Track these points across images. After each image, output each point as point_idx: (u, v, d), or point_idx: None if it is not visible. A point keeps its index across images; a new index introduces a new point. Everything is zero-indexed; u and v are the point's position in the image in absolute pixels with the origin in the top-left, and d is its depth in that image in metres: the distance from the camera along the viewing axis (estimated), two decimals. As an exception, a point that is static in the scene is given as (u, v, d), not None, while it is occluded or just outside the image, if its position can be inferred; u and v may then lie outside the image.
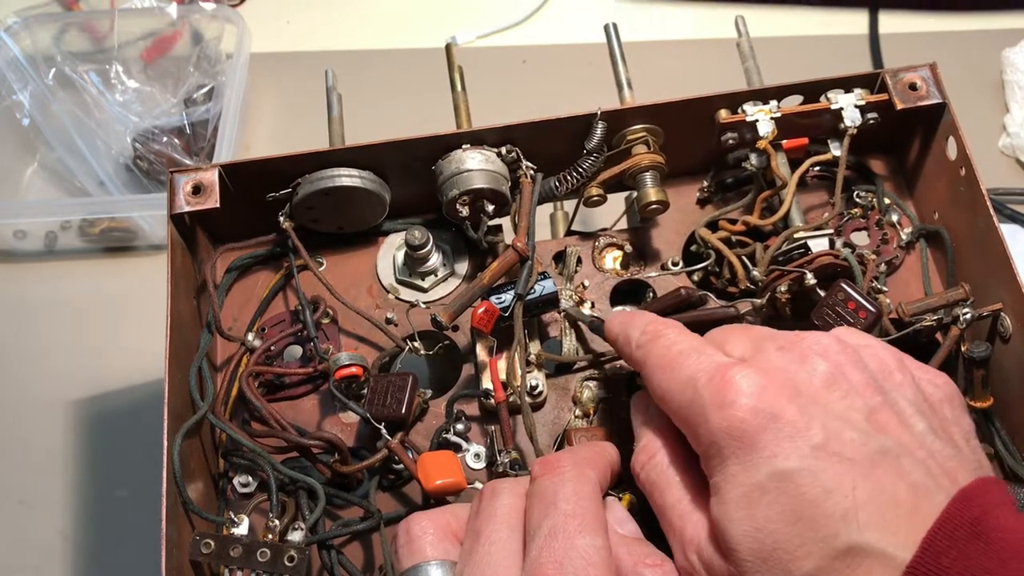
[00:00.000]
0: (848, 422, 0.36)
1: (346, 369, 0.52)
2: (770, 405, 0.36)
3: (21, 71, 0.92)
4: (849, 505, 0.34)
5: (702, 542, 0.38)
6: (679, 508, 0.40)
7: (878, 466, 0.35)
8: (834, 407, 0.37)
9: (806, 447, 0.35)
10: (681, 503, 0.40)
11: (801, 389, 0.37)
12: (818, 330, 0.51)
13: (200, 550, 0.47)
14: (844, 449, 0.35)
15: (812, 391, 0.37)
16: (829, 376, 0.38)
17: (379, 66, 0.99)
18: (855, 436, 0.36)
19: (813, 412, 0.36)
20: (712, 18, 1.02)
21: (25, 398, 0.81)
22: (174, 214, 0.54)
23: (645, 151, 0.56)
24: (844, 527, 0.34)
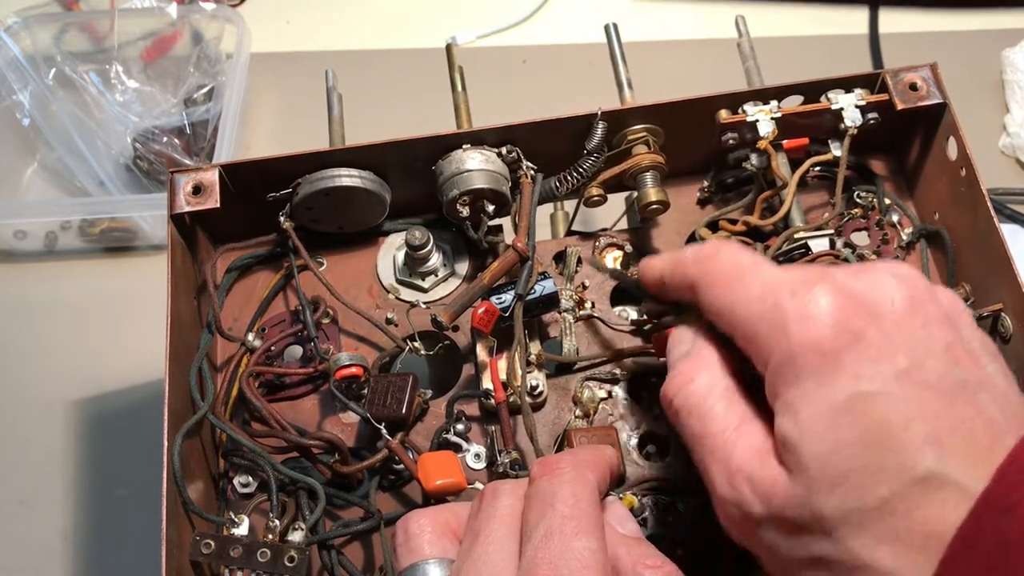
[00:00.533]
0: (929, 351, 0.36)
1: (346, 369, 0.52)
2: (855, 324, 0.36)
3: (21, 71, 0.92)
4: (930, 432, 0.34)
5: (754, 470, 0.37)
6: (724, 436, 0.39)
7: (959, 397, 0.35)
8: (915, 334, 0.36)
9: (890, 372, 0.35)
10: (725, 431, 0.39)
11: (883, 313, 0.36)
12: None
13: (200, 550, 0.47)
14: (927, 377, 0.35)
15: (894, 316, 0.36)
16: (909, 304, 0.37)
17: (379, 66, 0.99)
18: (937, 365, 0.35)
19: (896, 338, 0.36)
20: (712, 18, 1.02)
21: (25, 398, 0.81)
22: (174, 214, 0.54)
23: (645, 151, 0.56)
24: (924, 455, 0.33)
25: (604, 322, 0.57)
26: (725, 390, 0.40)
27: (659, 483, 0.52)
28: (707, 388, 0.40)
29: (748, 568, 0.44)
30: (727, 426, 0.39)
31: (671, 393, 0.41)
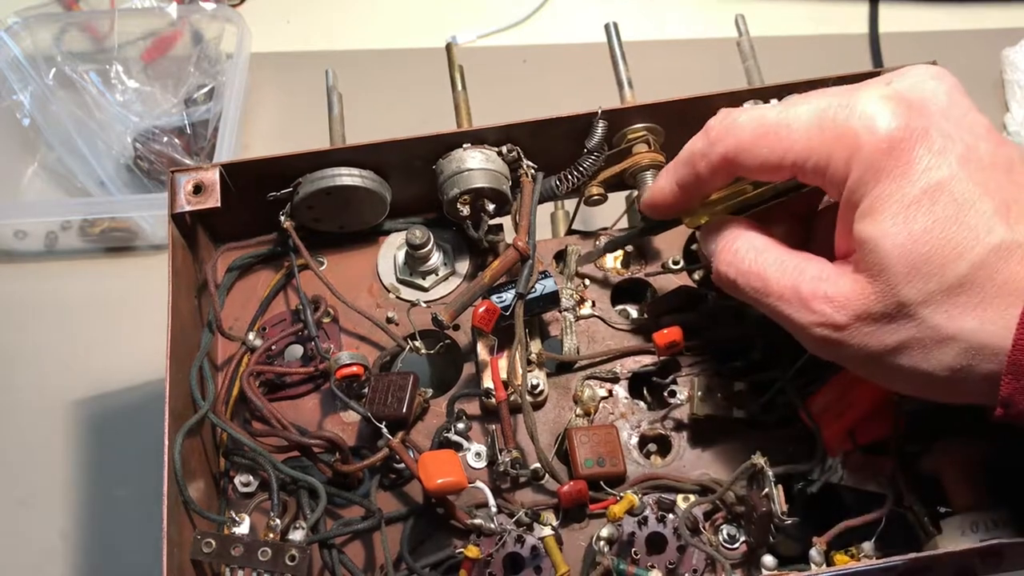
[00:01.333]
0: (977, 135, 0.40)
1: (347, 368, 0.52)
2: (916, 123, 0.39)
3: (21, 71, 0.91)
4: (997, 205, 0.38)
5: (827, 288, 0.41)
6: (785, 277, 0.42)
7: (1013, 171, 0.39)
8: (962, 122, 0.40)
9: (953, 158, 0.38)
10: (784, 272, 0.42)
11: (932, 109, 0.40)
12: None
13: (201, 549, 0.47)
14: (982, 157, 0.39)
15: (941, 109, 0.40)
16: (949, 96, 0.41)
17: (379, 66, 0.99)
18: (987, 147, 0.39)
19: (948, 127, 0.39)
20: (712, 17, 1.02)
21: (25, 398, 0.81)
22: (175, 213, 0.54)
23: (646, 150, 0.56)
24: (995, 224, 0.38)
25: (605, 321, 0.57)
26: (767, 245, 0.44)
27: (660, 482, 0.52)
28: (751, 249, 0.44)
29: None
30: (784, 270, 0.43)
31: (723, 267, 0.45)
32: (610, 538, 0.48)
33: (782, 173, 0.43)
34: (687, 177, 0.47)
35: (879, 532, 0.48)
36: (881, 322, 0.39)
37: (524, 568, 0.50)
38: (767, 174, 0.44)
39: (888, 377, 0.41)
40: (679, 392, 0.53)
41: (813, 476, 0.49)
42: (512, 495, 0.52)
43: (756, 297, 0.44)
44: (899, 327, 0.39)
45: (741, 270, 0.44)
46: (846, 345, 0.40)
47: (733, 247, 0.45)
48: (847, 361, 0.42)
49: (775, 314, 0.43)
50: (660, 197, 0.49)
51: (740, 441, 0.53)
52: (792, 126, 0.42)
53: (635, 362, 0.56)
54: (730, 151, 0.44)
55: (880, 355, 0.40)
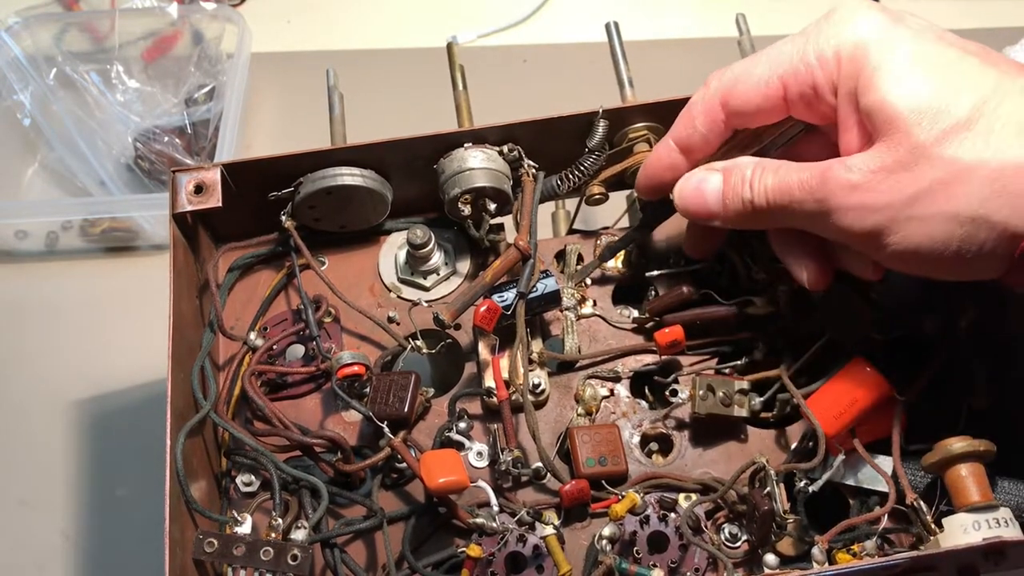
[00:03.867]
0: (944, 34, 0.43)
1: (348, 368, 0.52)
2: (892, 14, 0.43)
3: (22, 71, 0.91)
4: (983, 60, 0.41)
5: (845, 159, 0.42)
6: (804, 173, 0.43)
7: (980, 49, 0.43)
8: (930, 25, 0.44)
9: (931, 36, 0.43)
10: (803, 170, 0.43)
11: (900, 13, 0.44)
12: (820, 328, 0.52)
13: (204, 549, 0.47)
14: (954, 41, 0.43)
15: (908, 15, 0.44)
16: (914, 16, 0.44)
17: (380, 66, 0.99)
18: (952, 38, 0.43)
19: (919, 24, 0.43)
20: (713, 17, 1.02)
21: (26, 398, 0.81)
22: (176, 213, 0.54)
23: (647, 149, 0.56)
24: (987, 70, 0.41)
25: (606, 320, 0.57)
26: (779, 162, 0.45)
27: (662, 481, 0.52)
28: (767, 171, 0.45)
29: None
30: (802, 169, 0.44)
31: (749, 194, 0.46)
32: (612, 537, 0.48)
33: (775, 103, 0.45)
34: (685, 132, 0.48)
35: (881, 530, 0.48)
36: (899, 172, 0.40)
37: (526, 567, 0.50)
38: (761, 105, 0.46)
39: (912, 239, 0.41)
40: (680, 391, 0.53)
41: (815, 475, 0.49)
42: (514, 494, 0.52)
43: (783, 203, 0.44)
44: (918, 171, 0.40)
45: (769, 188, 0.45)
46: (869, 207, 0.41)
47: (742, 176, 0.46)
48: (873, 230, 0.42)
49: (802, 212, 0.44)
50: (657, 165, 0.50)
51: (741, 440, 0.53)
52: (781, 45, 0.46)
53: (636, 361, 0.56)
54: (724, 85, 0.46)
55: (904, 206, 0.41)
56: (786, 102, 0.45)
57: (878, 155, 0.41)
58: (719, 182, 0.47)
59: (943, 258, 0.41)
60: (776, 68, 0.45)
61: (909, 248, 0.41)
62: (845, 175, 0.42)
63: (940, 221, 0.40)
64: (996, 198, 0.39)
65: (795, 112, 0.46)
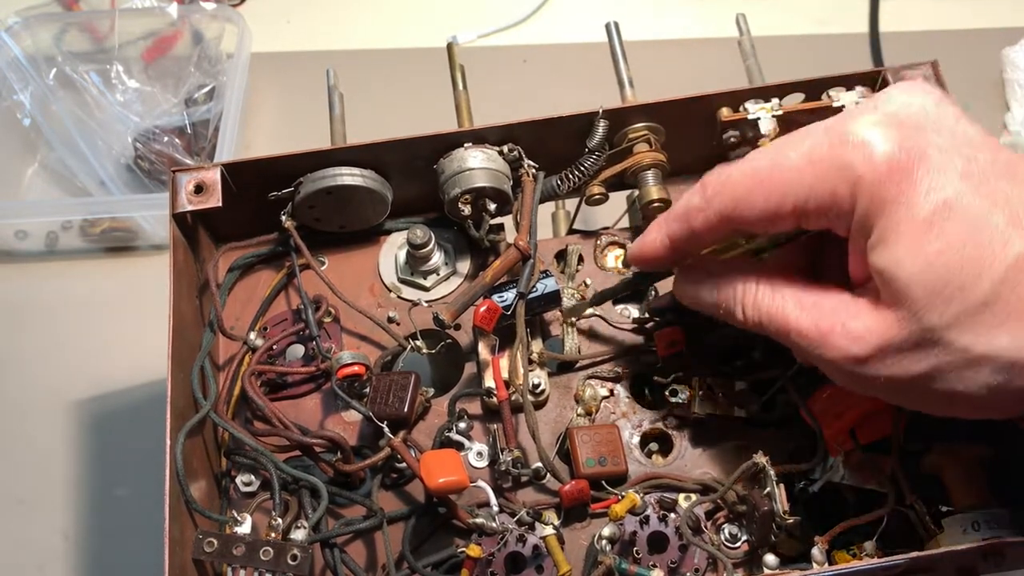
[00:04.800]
0: (973, 146, 0.38)
1: (348, 368, 0.52)
2: (912, 143, 0.38)
3: (22, 71, 0.91)
4: (1009, 215, 0.37)
5: (847, 320, 0.40)
6: (804, 314, 0.41)
7: (1016, 177, 0.38)
8: (955, 133, 0.39)
9: (955, 175, 0.37)
10: (803, 309, 0.42)
11: (923, 124, 0.39)
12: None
13: (203, 548, 0.47)
14: (984, 168, 0.38)
15: (932, 124, 0.39)
16: (939, 108, 0.39)
17: (379, 66, 0.99)
18: (985, 156, 0.38)
19: (943, 142, 0.38)
20: (713, 17, 1.02)
21: (25, 398, 0.81)
22: (176, 213, 0.54)
23: (647, 149, 0.56)
24: (1011, 236, 0.36)
25: (606, 320, 0.57)
26: (782, 284, 0.43)
27: (661, 481, 0.52)
28: (770, 290, 0.43)
29: None
30: (803, 307, 0.42)
31: (748, 311, 0.44)
32: (612, 537, 0.48)
33: (784, 221, 0.42)
34: (680, 232, 0.46)
35: (881, 531, 0.48)
36: (906, 351, 0.38)
37: (526, 567, 0.50)
38: (769, 224, 0.43)
39: (924, 403, 0.41)
40: (680, 391, 0.53)
41: (815, 475, 0.50)
42: (514, 494, 0.52)
43: (780, 337, 0.43)
44: (927, 354, 0.38)
45: (762, 310, 0.43)
46: (873, 377, 0.40)
47: (754, 289, 0.44)
48: (879, 392, 0.41)
49: (799, 351, 0.43)
50: (650, 251, 0.48)
51: (741, 440, 0.53)
52: (787, 167, 0.41)
53: (636, 361, 0.56)
54: (727, 206, 0.43)
55: (911, 383, 0.39)
56: (796, 220, 0.42)
57: (886, 328, 0.39)
58: (713, 290, 0.46)
59: (968, 409, 0.40)
60: (787, 198, 0.41)
61: (923, 409, 0.41)
62: (848, 346, 0.40)
63: (944, 398, 0.39)
64: (1003, 389, 0.38)
65: (807, 224, 0.42)
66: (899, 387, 0.40)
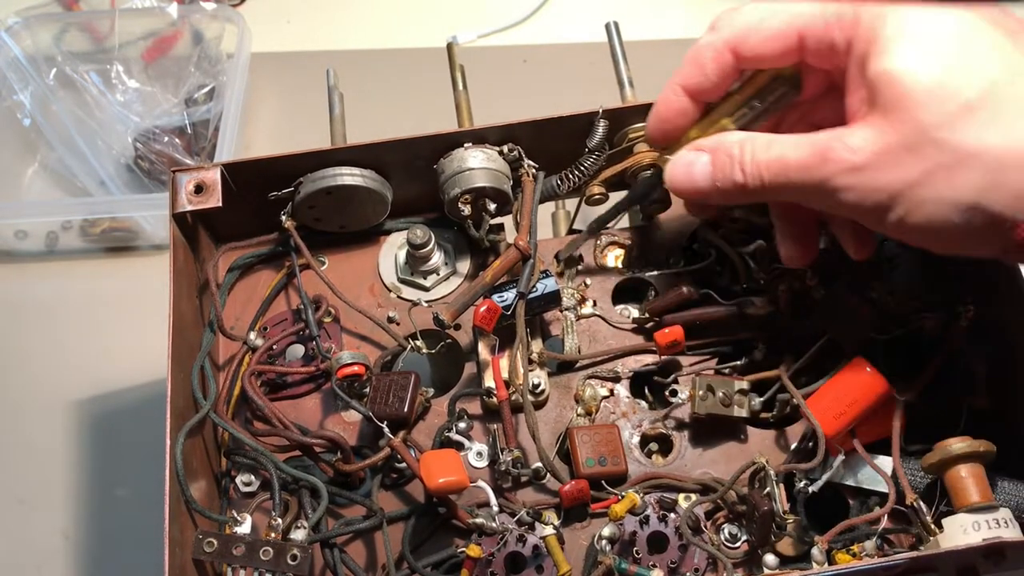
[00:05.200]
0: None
1: (348, 368, 0.52)
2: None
3: (22, 71, 0.91)
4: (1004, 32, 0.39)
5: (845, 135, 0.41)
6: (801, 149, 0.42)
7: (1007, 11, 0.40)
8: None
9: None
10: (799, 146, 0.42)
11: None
12: (819, 328, 0.52)
13: (203, 548, 0.47)
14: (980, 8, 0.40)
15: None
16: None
17: (379, 66, 0.99)
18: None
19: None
20: (713, 17, 1.01)
21: (26, 398, 0.80)
22: (176, 213, 0.54)
23: (647, 149, 0.56)
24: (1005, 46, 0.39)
25: (606, 320, 0.57)
26: (774, 136, 0.44)
27: (661, 481, 0.52)
28: (762, 145, 0.44)
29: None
30: (799, 145, 0.42)
31: (743, 167, 0.44)
32: (612, 537, 0.48)
33: (788, 53, 0.44)
34: (693, 78, 0.47)
35: (881, 531, 0.48)
36: (902, 153, 0.40)
37: (526, 567, 0.50)
38: (774, 55, 0.45)
39: (913, 218, 0.41)
40: (680, 391, 0.53)
41: (814, 475, 0.49)
42: (514, 494, 0.52)
43: (780, 182, 0.43)
44: (922, 154, 0.39)
45: (760, 164, 0.43)
46: (870, 187, 0.40)
47: (742, 145, 0.44)
48: (875, 208, 0.41)
49: (800, 189, 0.43)
50: (667, 111, 0.48)
51: (741, 440, 0.53)
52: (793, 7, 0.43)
53: (636, 361, 0.56)
54: (736, 34, 0.45)
55: (907, 188, 0.40)
56: (801, 51, 0.44)
57: (882, 134, 0.40)
58: (707, 163, 0.46)
59: (942, 237, 0.41)
60: (794, 21, 0.44)
61: (910, 226, 0.41)
62: (848, 156, 0.41)
63: (941, 205, 0.40)
64: (994, 189, 0.39)
65: (809, 60, 0.45)
66: (894, 196, 0.40)
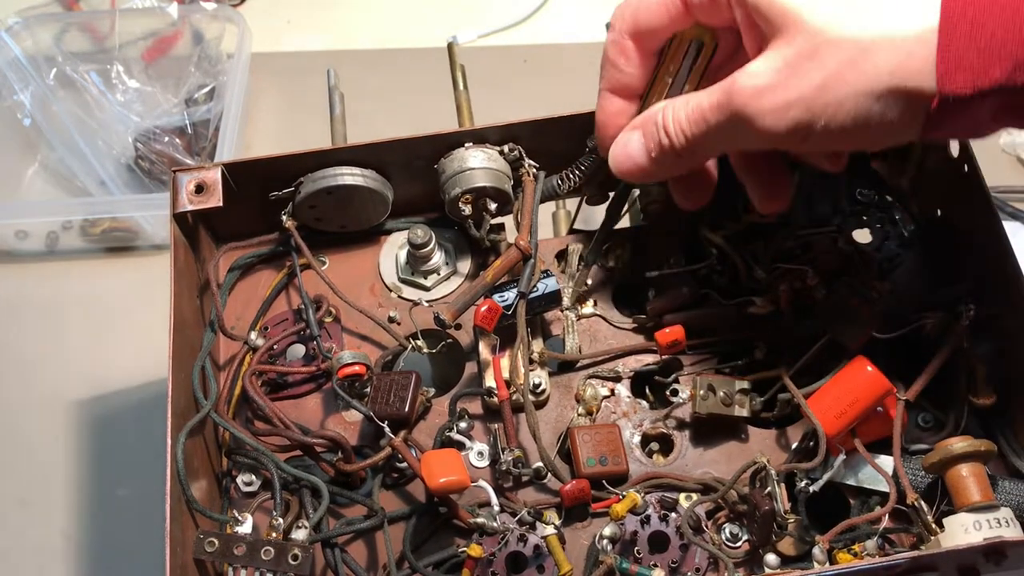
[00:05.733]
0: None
1: (349, 368, 0.52)
2: None
3: (22, 71, 0.92)
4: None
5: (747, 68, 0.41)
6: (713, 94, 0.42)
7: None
8: None
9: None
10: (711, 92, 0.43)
11: None
12: (820, 328, 0.52)
13: (204, 548, 0.47)
14: None
15: None
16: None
17: (380, 66, 0.99)
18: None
19: None
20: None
21: (25, 398, 0.81)
22: (177, 213, 0.54)
23: (647, 149, 0.56)
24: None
25: (606, 320, 0.57)
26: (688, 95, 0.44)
27: (662, 481, 0.52)
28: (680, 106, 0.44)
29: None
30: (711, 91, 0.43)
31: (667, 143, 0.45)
32: (613, 537, 0.48)
33: (678, 17, 0.45)
34: (613, 77, 0.48)
35: (882, 530, 0.48)
36: (803, 62, 0.40)
37: (527, 567, 0.50)
38: (665, 23, 0.46)
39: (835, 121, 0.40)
40: (681, 391, 0.53)
41: (815, 475, 0.49)
42: (515, 494, 0.52)
43: (701, 132, 0.44)
44: (822, 57, 0.39)
45: (682, 122, 0.44)
46: (782, 104, 0.40)
47: (668, 112, 0.45)
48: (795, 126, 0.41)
49: (721, 134, 0.43)
50: (606, 117, 0.49)
51: (742, 440, 0.53)
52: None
53: (637, 361, 0.56)
54: (628, 20, 0.46)
55: (817, 94, 0.39)
56: (689, 13, 0.45)
57: (778, 52, 0.40)
58: (639, 137, 0.47)
59: (868, 131, 0.40)
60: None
61: (833, 130, 0.40)
62: (750, 82, 0.41)
63: (856, 98, 0.39)
64: (903, 68, 0.38)
65: (702, 19, 0.45)
66: (809, 108, 0.40)
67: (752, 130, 0.41)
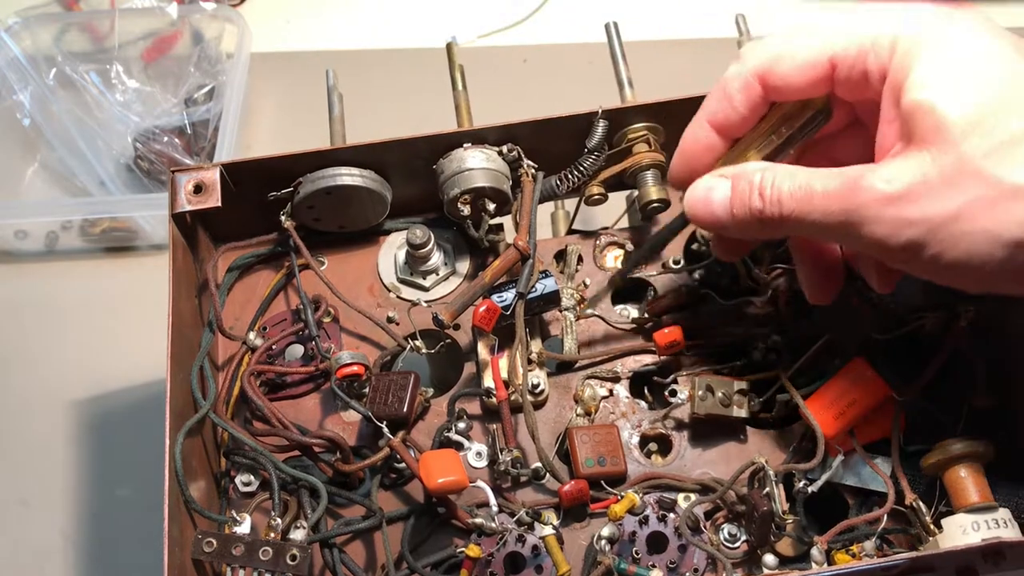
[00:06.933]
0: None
1: (348, 368, 0.52)
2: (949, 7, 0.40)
3: (22, 71, 0.91)
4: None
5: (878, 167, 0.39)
6: (830, 180, 0.40)
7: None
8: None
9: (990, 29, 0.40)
10: (828, 177, 0.40)
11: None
12: (820, 328, 0.52)
13: (202, 548, 0.47)
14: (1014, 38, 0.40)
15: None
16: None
17: (379, 66, 0.99)
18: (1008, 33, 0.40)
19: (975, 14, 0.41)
20: (713, 17, 1.01)
21: (25, 398, 0.81)
22: (176, 213, 0.54)
23: (646, 149, 0.56)
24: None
25: (605, 320, 0.57)
26: (798, 167, 0.42)
27: (661, 481, 0.52)
28: (786, 176, 0.42)
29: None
30: (827, 176, 0.40)
31: (757, 207, 0.42)
32: (611, 537, 0.48)
33: (819, 82, 0.43)
34: (721, 111, 0.45)
35: (880, 531, 0.48)
36: (941, 185, 0.38)
37: (525, 567, 0.50)
38: (804, 85, 0.43)
39: (951, 254, 0.39)
40: (680, 391, 0.53)
41: (814, 475, 0.49)
42: (513, 494, 0.52)
43: (801, 212, 0.41)
44: (962, 187, 0.37)
45: (783, 192, 0.41)
46: (904, 220, 0.38)
47: (770, 176, 0.42)
48: (907, 244, 0.39)
49: (823, 222, 0.40)
50: (694, 147, 0.47)
51: (741, 440, 0.53)
52: (829, 24, 0.42)
53: (636, 361, 0.56)
54: (764, 62, 0.43)
55: (945, 222, 0.38)
56: (832, 82, 0.43)
57: (919, 164, 0.38)
58: (727, 190, 0.44)
59: (979, 274, 0.39)
60: (826, 47, 0.42)
61: (946, 263, 0.39)
62: (882, 186, 0.38)
63: (981, 240, 0.38)
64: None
65: (839, 92, 0.43)
66: (932, 229, 0.38)
67: (857, 233, 0.40)
